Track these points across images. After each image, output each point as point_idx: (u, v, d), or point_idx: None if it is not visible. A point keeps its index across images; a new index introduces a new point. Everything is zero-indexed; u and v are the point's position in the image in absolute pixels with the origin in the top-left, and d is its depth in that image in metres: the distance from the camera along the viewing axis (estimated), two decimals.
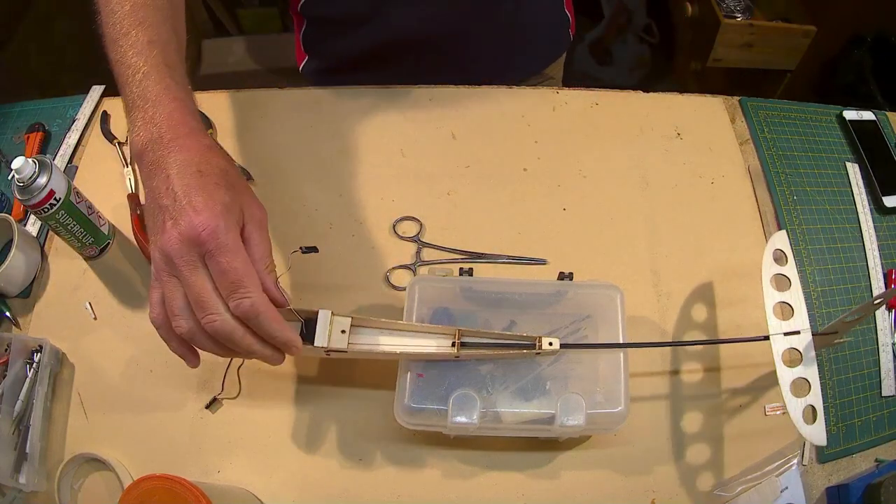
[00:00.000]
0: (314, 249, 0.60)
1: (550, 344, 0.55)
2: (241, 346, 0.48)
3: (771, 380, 0.64)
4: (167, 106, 0.49)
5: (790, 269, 0.58)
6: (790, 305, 0.57)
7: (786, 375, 0.54)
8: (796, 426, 0.52)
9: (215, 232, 0.45)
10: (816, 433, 0.52)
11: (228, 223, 0.46)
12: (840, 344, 0.61)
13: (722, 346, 0.66)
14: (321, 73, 0.92)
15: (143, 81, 0.50)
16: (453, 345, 0.55)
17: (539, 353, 0.55)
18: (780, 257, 0.59)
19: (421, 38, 0.81)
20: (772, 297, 0.57)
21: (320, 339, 0.53)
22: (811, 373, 0.54)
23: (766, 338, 0.56)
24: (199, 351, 0.51)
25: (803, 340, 0.55)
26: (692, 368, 0.65)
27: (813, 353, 0.55)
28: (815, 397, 0.53)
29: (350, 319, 0.54)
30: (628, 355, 0.57)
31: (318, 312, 0.54)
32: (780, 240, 0.60)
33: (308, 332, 0.53)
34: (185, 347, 0.51)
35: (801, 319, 0.56)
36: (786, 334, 0.55)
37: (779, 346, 0.55)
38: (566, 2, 0.92)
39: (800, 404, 0.53)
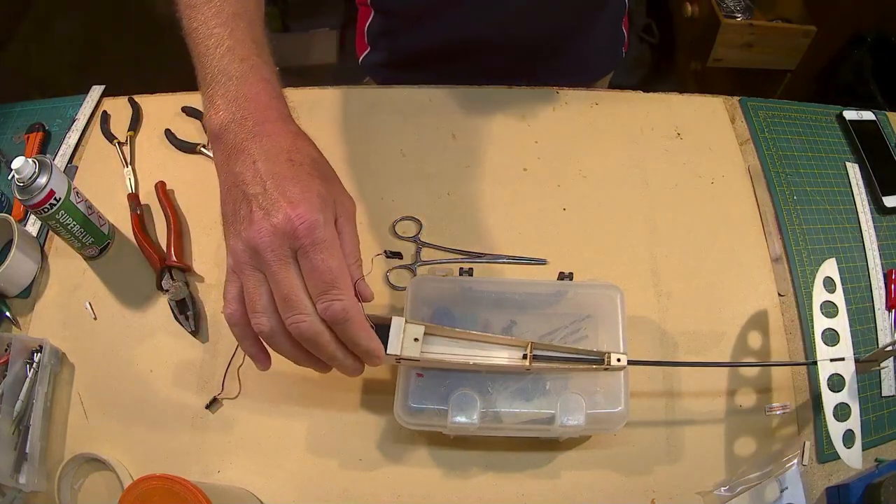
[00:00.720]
0: (398, 255, 0.59)
1: (619, 360, 0.55)
2: (325, 351, 0.45)
3: (770, 380, 0.64)
4: (254, 86, 0.46)
5: (838, 297, 0.60)
6: (836, 332, 0.59)
7: (829, 400, 0.56)
8: (836, 449, 0.55)
9: (313, 227, 0.42)
10: (854, 457, 0.54)
11: (326, 217, 0.43)
12: (878, 370, 0.63)
13: (722, 344, 0.66)
14: (382, 66, 0.91)
15: (226, 56, 0.46)
16: (525, 357, 0.54)
17: (607, 369, 0.55)
18: (829, 284, 0.61)
19: (488, 39, 0.81)
20: (821, 323, 0.59)
21: (393, 347, 0.53)
22: (852, 399, 0.56)
23: (814, 363, 0.57)
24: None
25: (847, 367, 0.57)
26: (692, 369, 0.65)
27: (855, 381, 0.56)
28: (855, 422, 0.55)
29: (423, 328, 0.54)
30: (627, 355, 0.57)
31: (391, 319, 0.53)
32: (830, 267, 0.62)
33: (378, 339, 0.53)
34: (259, 348, 0.48)
35: (845, 347, 0.58)
36: (832, 360, 0.57)
37: (825, 372, 0.57)
38: (624, 20, 0.93)
39: (840, 428, 0.55)
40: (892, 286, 0.69)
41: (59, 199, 0.64)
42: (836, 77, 1.53)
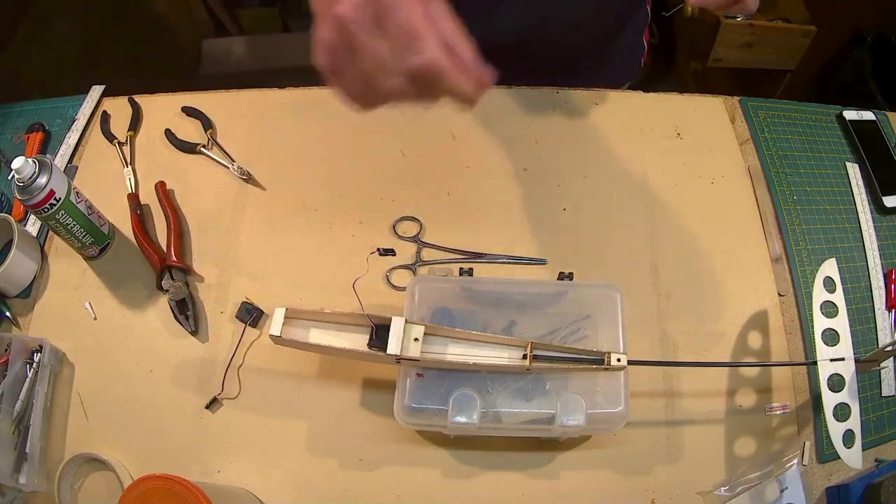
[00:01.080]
0: (391, 252, 0.59)
1: (619, 360, 0.54)
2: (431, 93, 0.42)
3: (770, 380, 0.64)
4: None
5: (838, 297, 0.60)
6: (836, 332, 0.58)
7: (829, 400, 0.56)
8: (836, 449, 0.54)
9: None
10: (853, 457, 0.54)
11: None
12: (878, 370, 0.63)
13: (722, 344, 0.66)
14: None
15: None
16: (525, 357, 0.54)
17: (607, 369, 0.55)
18: (829, 284, 0.61)
19: (507, 40, 0.78)
20: (820, 323, 0.59)
21: (393, 347, 0.53)
22: (852, 399, 0.56)
23: (814, 363, 0.57)
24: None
25: (847, 367, 0.57)
26: (692, 369, 0.65)
27: (855, 381, 0.56)
28: (855, 422, 0.55)
29: (423, 328, 0.54)
30: (627, 355, 0.57)
31: (391, 319, 0.53)
32: (830, 267, 0.61)
33: (378, 339, 0.53)
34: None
35: (845, 346, 0.58)
36: (832, 360, 0.57)
37: (825, 372, 0.57)
38: (645, 32, 0.92)
39: (840, 428, 0.55)
40: (892, 286, 0.69)
41: (59, 199, 0.64)
42: (836, 77, 1.53)
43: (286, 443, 0.62)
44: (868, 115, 0.80)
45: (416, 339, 0.54)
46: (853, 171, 0.77)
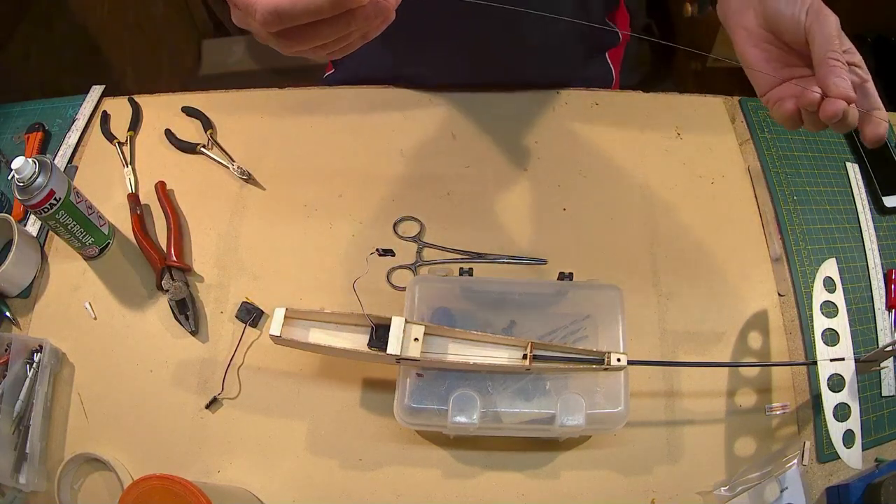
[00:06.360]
0: (391, 252, 0.60)
1: (619, 360, 0.54)
2: None
3: (770, 380, 0.64)
4: None
5: (838, 297, 0.60)
6: (836, 332, 0.58)
7: (829, 400, 0.56)
8: (836, 449, 0.54)
9: None
10: (854, 457, 0.54)
11: None
12: (878, 370, 0.63)
13: (722, 344, 0.66)
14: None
15: None
16: (525, 357, 0.54)
17: (607, 369, 0.55)
18: (829, 284, 0.61)
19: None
20: (820, 323, 0.59)
21: (393, 347, 0.53)
22: (852, 399, 0.56)
23: (814, 363, 0.57)
24: None
25: (847, 367, 0.57)
26: (692, 369, 0.65)
27: (855, 381, 0.56)
28: (855, 422, 0.55)
29: (424, 328, 0.54)
30: (627, 355, 0.57)
31: (391, 319, 0.53)
32: (830, 267, 0.61)
33: (378, 339, 0.53)
34: None
35: (845, 346, 0.58)
36: (832, 360, 0.57)
37: (825, 372, 0.57)
38: (610, 55, 0.88)
39: (840, 428, 0.55)
40: (892, 286, 0.69)
41: (59, 199, 0.64)
42: None
43: (286, 443, 0.62)
44: None
45: (416, 339, 0.54)
46: (853, 171, 0.77)
